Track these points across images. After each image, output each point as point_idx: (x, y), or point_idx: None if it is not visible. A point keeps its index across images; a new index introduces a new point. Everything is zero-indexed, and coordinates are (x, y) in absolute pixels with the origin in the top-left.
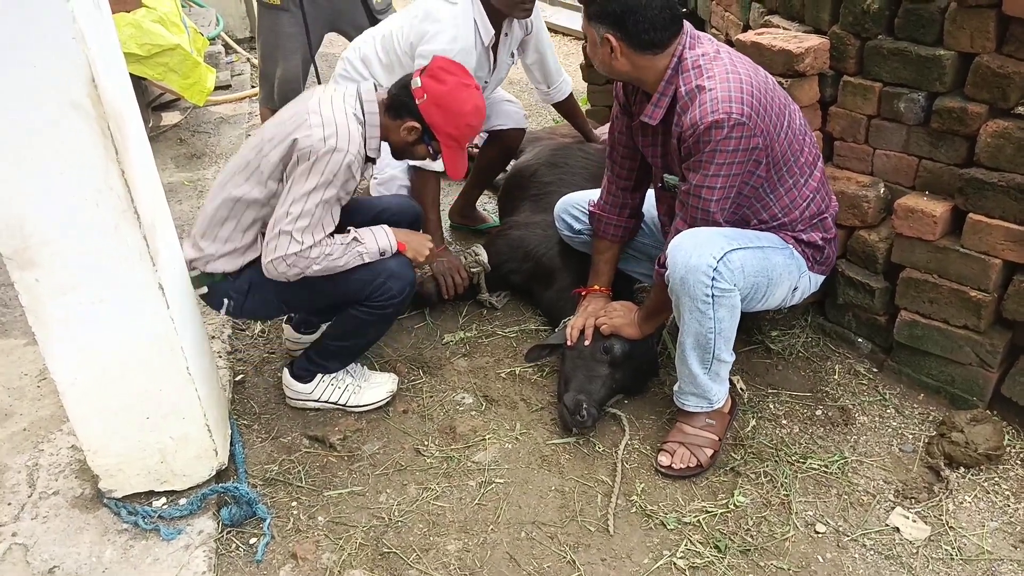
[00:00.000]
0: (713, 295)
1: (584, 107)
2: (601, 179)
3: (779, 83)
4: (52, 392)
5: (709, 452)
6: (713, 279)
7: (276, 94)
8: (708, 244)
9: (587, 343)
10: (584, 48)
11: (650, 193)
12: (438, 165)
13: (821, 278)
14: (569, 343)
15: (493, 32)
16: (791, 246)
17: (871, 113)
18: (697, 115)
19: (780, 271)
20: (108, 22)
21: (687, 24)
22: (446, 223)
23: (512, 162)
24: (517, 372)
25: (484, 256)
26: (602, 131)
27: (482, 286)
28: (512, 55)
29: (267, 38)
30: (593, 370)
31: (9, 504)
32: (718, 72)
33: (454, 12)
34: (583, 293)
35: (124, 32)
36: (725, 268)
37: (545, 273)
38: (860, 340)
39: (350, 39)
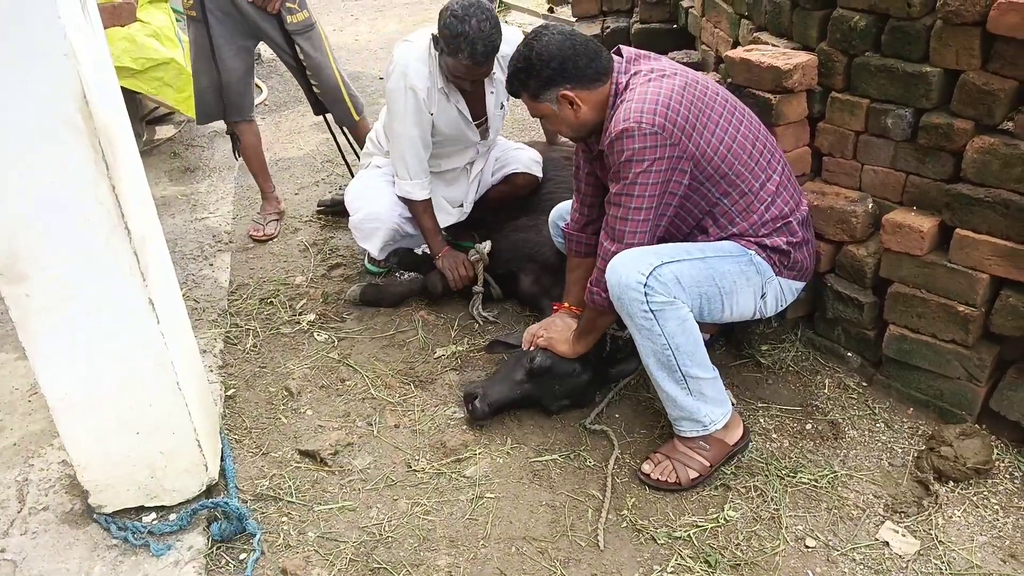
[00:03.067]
0: (652, 310)
1: None
2: None
3: (768, 99)
4: (43, 407)
5: (693, 475)
6: (646, 294)
7: (203, 108)
8: (637, 261)
9: (532, 347)
10: (546, 131)
11: None
12: (419, 195)
13: (798, 284)
14: (525, 347)
15: (444, 80)
16: (752, 251)
17: (859, 129)
18: (611, 126)
19: (733, 278)
20: (100, 37)
21: (624, 49)
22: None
23: None
24: None
25: (485, 248)
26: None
27: (481, 277)
28: (502, 106)
29: (191, 49)
30: (510, 373)
31: None
32: (640, 87)
33: (404, 49)
34: (555, 308)
35: (118, 46)
36: (656, 282)
37: (547, 276)
38: (850, 354)
39: (276, 55)
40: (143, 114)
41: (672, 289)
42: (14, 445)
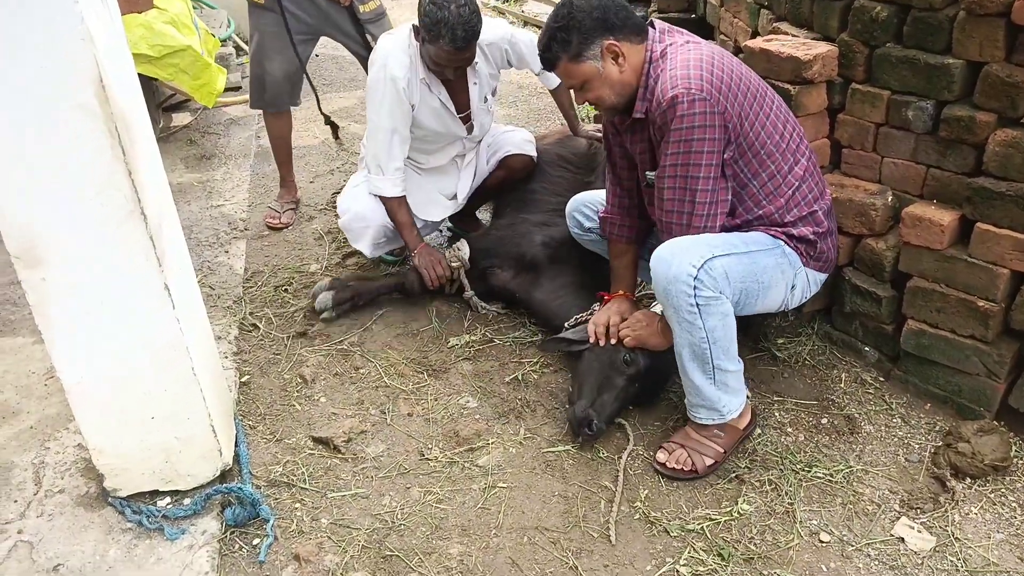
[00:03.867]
0: (698, 304)
1: None
2: (577, 184)
3: (787, 89)
4: (59, 391)
5: (708, 461)
6: (695, 288)
7: (266, 95)
8: (688, 252)
9: (612, 342)
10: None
11: None
12: (390, 191)
13: (822, 276)
14: (593, 340)
15: (425, 70)
16: (781, 243)
17: (879, 121)
18: (659, 93)
19: (771, 272)
20: (117, 23)
21: (656, 21)
22: (446, 224)
23: None
24: (521, 377)
25: (465, 252)
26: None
27: (463, 282)
28: (486, 99)
29: (253, 37)
30: (610, 380)
31: (15, 501)
32: (680, 55)
33: (386, 40)
34: (606, 298)
35: (135, 33)
36: (706, 275)
37: (530, 272)
38: (867, 349)
39: (343, 44)
40: (159, 101)
41: (720, 284)
42: (31, 428)
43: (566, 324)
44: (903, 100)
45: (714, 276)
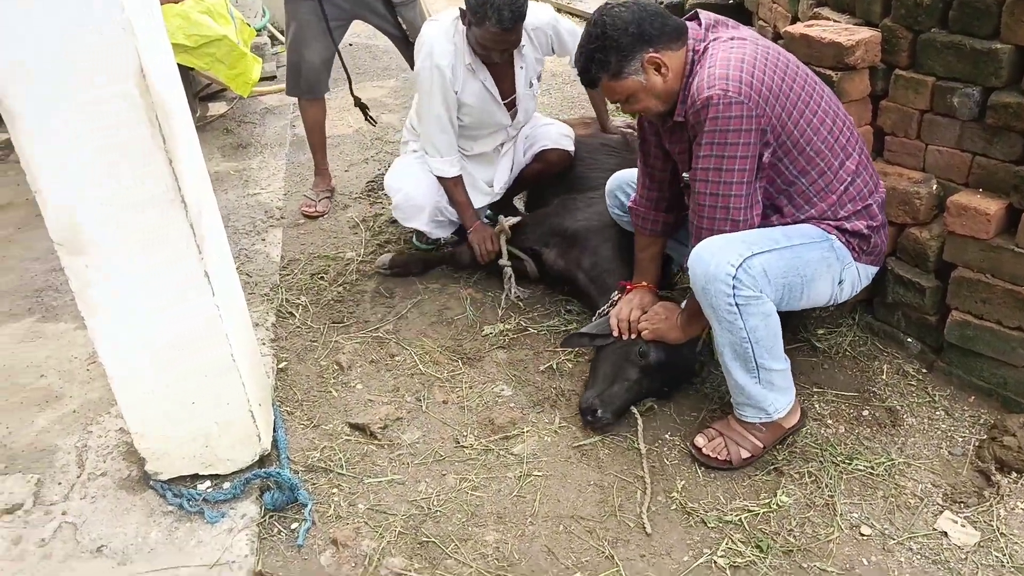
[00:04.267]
0: (737, 304)
1: None
2: (623, 164)
3: (829, 75)
4: (101, 375)
5: (745, 455)
6: (734, 287)
7: (302, 82)
8: (726, 251)
9: (633, 336)
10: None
11: None
12: (449, 172)
13: (873, 269)
14: (615, 334)
15: (471, 55)
16: (833, 236)
17: (923, 108)
18: (694, 93)
19: (815, 266)
20: (156, 12)
21: (702, 13)
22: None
23: None
24: (555, 366)
25: (510, 221)
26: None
27: (502, 250)
28: (531, 84)
29: (290, 26)
30: (622, 372)
31: (59, 484)
32: (721, 54)
33: (431, 29)
34: (628, 288)
35: (172, 23)
36: (745, 275)
37: (572, 248)
38: (909, 340)
39: (377, 26)
40: (196, 91)
41: (760, 282)
42: (73, 412)
43: (598, 311)
44: (948, 86)
45: (752, 275)
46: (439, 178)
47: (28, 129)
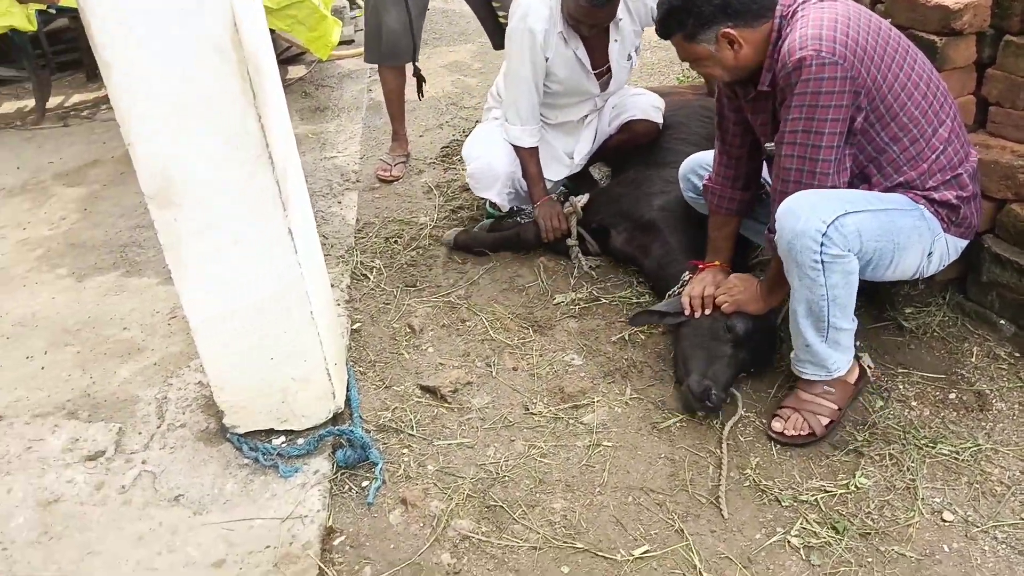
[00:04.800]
0: (823, 261)
1: None
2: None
3: (932, 41)
4: (181, 330)
5: (825, 421)
6: (822, 244)
7: (383, 47)
8: (819, 207)
9: (707, 312)
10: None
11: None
12: (526, 142)
13: (963, 243)
14: (687, 312)
15: (564, 24)
16: (921, 206)
17: None
18: (785, 53)
19: (908, 234)
20: None
21: None
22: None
23: None
24: (628, 337)
25: (580, 202)
26: None
27: (574, 230)
28: (629, 57)
29: None
30: (716, 350)
31: (140, 433)
32: (813, 14)
33: None
34: (700, 267)
35: None
36: (836, 233)
37: (644, 235)
38: (1003, 322)
39: None
40: (277, 53)
41: (851, 242)
42: (155, 365)
43: (669, 292)
44: None
45: (844, 234)
46: (515, 147)
47: (123, 81)
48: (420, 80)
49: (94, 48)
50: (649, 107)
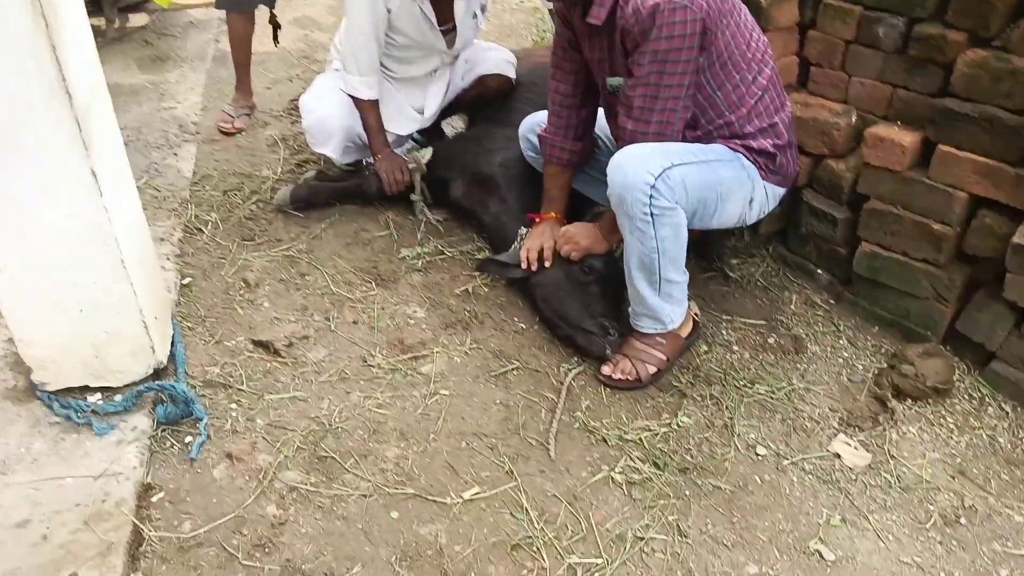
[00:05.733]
0: (652, 213)
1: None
2: None
3: (758, 1)
4: None
5: (652, 369)
6: (651, 196)
7: None
8: (647, 160)
9: (547, 265)
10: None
11: (601, 112)
12: (364, 94)
13: (780, 190)
14: (525, 266)
15: None
16: (740, 155)
17: (849, 38)
18: (638, 1)
19: (729, 184)
20: None
21: None
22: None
23: None
24: (471, 290)
25: (424, 157)
26: None
27: (417, 185)
28: (475, 15)
29: None
30: (586, 293)
31: None
32: None
33: None
34: (536, 220)
35: None
36: (664, 185)
37: (481, 190)
38: (820, 271)
39: None
40: (115, 0)
41: (677, 194)
42: None
43: (514, 245)
44: (875, 16)
45: (671, 186)
46: (353, 99)
47: None
48: (276, 27)
49: None
50: (502, 62)
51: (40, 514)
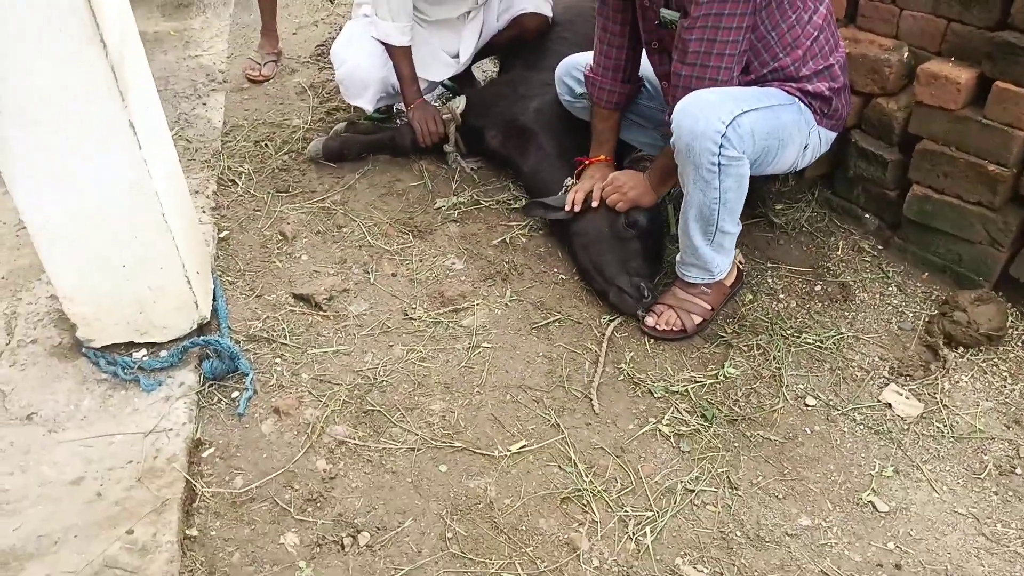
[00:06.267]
0: (720, 164)
1: None
2: None
3: None
4: (31, 242)
5: (697, 319)
6: (721, 146)
7: None
8: (717, 107)
9: (595, 204)
10: None
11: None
12: (397, 39)
13: (832, 135)
14: (568, 208)
15: None
16: (797, 99)
17: None
18: None
19: (790, 129)
20: None
21: None
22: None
23: None
24: (508, 240)
25: (459, 107)
26: None
27: (452, 136)
28: None
29: None
30: (627, 248)
31: None
32: None
33: None
34: (586, 163)
35: None
36: (734, 134)
37: (519, 139)
38: (867, 216)
39: None
40: None
41: (746, 143)
42: (2, 279)
43: (564, 187)
44: None
45: (741, 134)
46: (385, 46)
47: None
48: None
49: None
50: (539, 0)
51: (93, 471)
